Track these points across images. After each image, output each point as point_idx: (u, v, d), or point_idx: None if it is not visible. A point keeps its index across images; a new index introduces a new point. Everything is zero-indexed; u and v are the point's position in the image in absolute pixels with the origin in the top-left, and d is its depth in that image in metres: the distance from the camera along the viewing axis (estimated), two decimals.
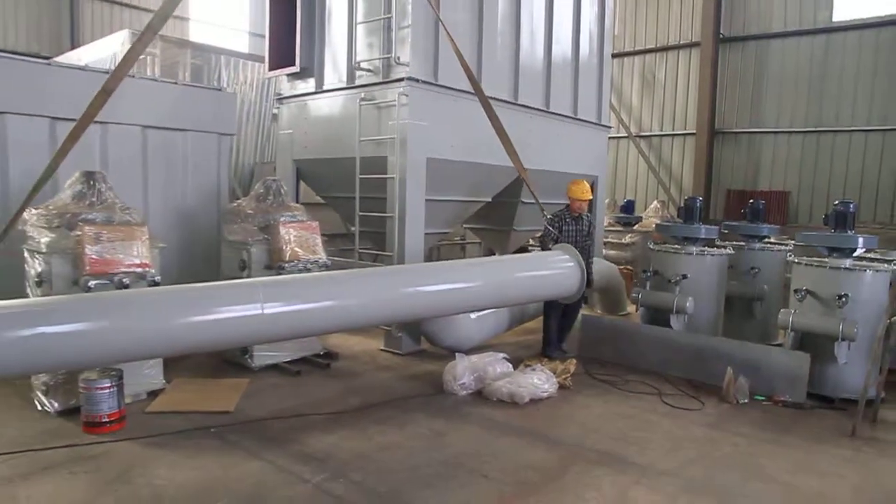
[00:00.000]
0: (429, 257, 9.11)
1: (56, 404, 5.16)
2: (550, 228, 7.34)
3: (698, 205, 8.16)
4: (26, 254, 5.41)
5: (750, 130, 17.17)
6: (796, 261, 6.54)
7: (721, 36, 17.33)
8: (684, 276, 7.36)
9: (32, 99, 6.40)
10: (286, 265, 6.55)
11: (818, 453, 4.95)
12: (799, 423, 5.60)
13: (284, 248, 6.58)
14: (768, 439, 5.21)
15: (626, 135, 19.08)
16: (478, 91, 6.67)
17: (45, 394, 5.21)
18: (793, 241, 8.84)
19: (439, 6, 7.26)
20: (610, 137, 12.01)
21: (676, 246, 7.82)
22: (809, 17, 16.09)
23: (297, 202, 7.98)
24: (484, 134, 8.05)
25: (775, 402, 6.06)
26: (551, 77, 9.29)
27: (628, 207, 13.81)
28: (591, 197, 7.52)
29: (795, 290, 6.35)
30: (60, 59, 12.07)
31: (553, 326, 7.48)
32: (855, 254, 6.46)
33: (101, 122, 6.90)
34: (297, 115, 8.54)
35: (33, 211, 5.48)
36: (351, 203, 7.70)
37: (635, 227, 12.85)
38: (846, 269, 6.07)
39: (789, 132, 16.55)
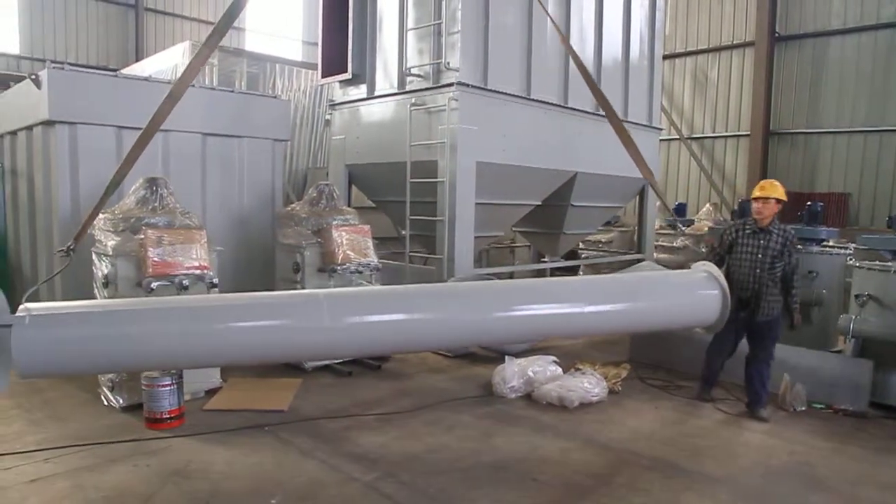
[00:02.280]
0: (478, 261, 9.16)
1: (121, 400, 5.39)
2: (714, 245, 6.04)
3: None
4: (94, 256, 5.66)
5: (807, 131, 16.66)
6: (857, 265, 6.34)
7: (776, 35, 16.89)
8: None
9: (101, 109, 6.68)
10: (338, 268, 6.68)
11: (882, 465, 4.79)
12: (860, 433, 5.42)
13: (337, 251, 6.71)
14: (828, 448, 5.06)
15: (677, 137, 18.75)
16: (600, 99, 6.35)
17: (111, 390, 5.45)
18: (853, 245, 8.55)
19: (489, 11, 7.33)
20: (661, 140, 11.83)
21: None
22: (872, 12, 15.53)
23: (349, 206, 8.11)
24: (533, 137, 8.10)
25: (835, 410, 5.88)
26: (601, 79, 9.21)
27: (680, 210, 13.58)
28: (775, 195, 5.68)
29: (857, 295, 6.15)
30: (126, 70, 12.55)
31: (714, 362, 6.03)
32: None
33: (163, 130, 7.17)
34: (349, 120, 8.70)
35: (101, 215, 5.73)
36: (402, 207, 7.79)
37: (687, 231, 12.63)
38: None
39: (850, 132, 15.99)
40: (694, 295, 5.07)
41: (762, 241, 5.64)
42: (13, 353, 3.32)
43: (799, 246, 6.80)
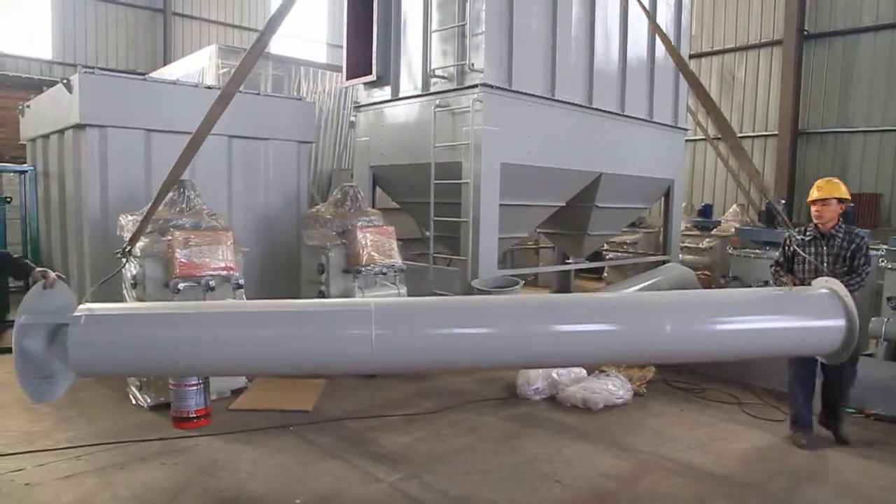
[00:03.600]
0: (502, 262, 9.14)
1: (148, 399, 5.48)
2: (777, 255, 5.27)
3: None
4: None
5: (836, 130, 16.36)
6: (889, 266, 6.21)
7: (805, 32, 16.61)
8: (766, 283, 7.10)
9: (130, 113, 6.80)
10: (363, 269, 6.71)
11: None
12: (893, 438, 5.31)
13: (361, 252, 6.75)
14: (858, 454, 4.95)
15: (703, 137, 18.52)
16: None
17: (139, 389, 5.54)
18: (885, 246, 8.38)
19: (513, 12, 7.31)
20: (687, 140, 11.70)
21: (757, 251, 7.56)
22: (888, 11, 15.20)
23: (374, 207, 8.15)
24: (558, 138, 8.07)
25: (867, 415, 5.76)
26: (626, 80, 9.16)
27: (706, 211, 13.44)
28: (836, 194, 5.05)
29: (889, 298, 6.04)
30: (154, 74, 12.77)
31: (800, 396, 5.14)
32: None
33: (190, 133, 7.27)
34: (374, 122, 8.74)
35: (129, 217, 5.84)
36: (426, 208, 7.81)
37: (713, 232, 12.49)
38: None
39: (881, 131, 15.66)
40: (814, 317, 4.22)
41: (825, 248, 5.00)
42: (69, 352, 3.39)
43: (874, 251, 6.08)
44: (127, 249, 4.61)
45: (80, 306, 3.55)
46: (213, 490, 4.15)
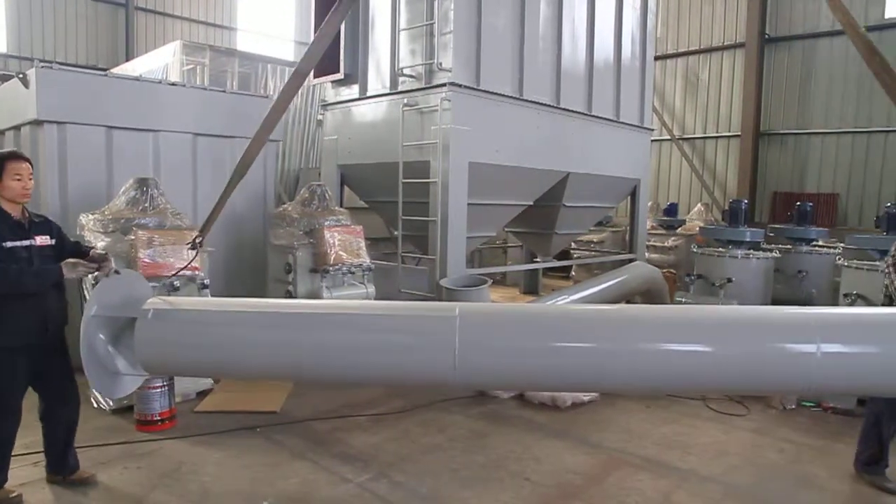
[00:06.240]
0: (471, 261, 9.16)
1: (111, 402, 5.36)
2: (886, 268, 4.42)
3: (743, 207, 8.04)
4: None
5: (796, 132, 16.75)
6: (846, 264, 6.39)
7: (766, 36, 16.97)
8: (729, 280, 7.25)
9: (90, 109, 6.64)
10: (331, 268, 6.68)
11: None
12: (849, 431, 5.43)
13: (329, 251, 6.71)
14: (817, 446, 5.10)
15: (668, 137, 18.82)
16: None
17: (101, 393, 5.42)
18: (842, 245, 8.63)
19: (482, 12, 7.33)
20: (653, 140, 11.87)
21: (721, 249, 7.70)
22: (860, 14, 15.59)
23: (342, 207, 8.10)
24: (526, 138, 8.11)
25: (824, 408, 5.93)
26: (593, 80, 9.24)
27: (671, 210, 13.65)
28: None
29: (845, 295, 6.19)
30: (116, 70, 12.50)
31: (889, 429, 4.43)
32: None
33: (153, 131, 7.16)
34: (342, 121, 8.68)
35: (90, 216, 5.72)
36: (394, 207, 7.79)
37: (678, 231, 12.70)
38: None
39: (838, 133, 16.08)
40: None
41: None
42: (136, 347, 3.27)
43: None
44: (198, 240, 4.51)
45: (151, 299, 3.43)
46: (178, 493, 4.08)
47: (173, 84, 7.78)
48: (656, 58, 13.28)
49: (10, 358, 3.64)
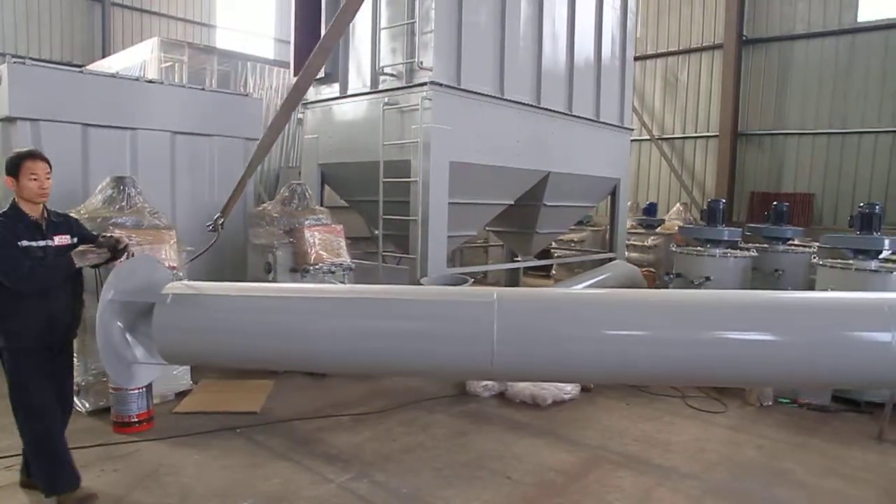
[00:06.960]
0: (451, 260, 9.17)
1: (87, 404, 5.29)
2: None
3: (721, 207, 8.13)
4: None
5: (773, 132, 16.98)
6: (821, 263, 6.49)
7: (744, 38, 17.18)
8: (707, 279, 7.33)
9: (65, 106, 6.53)
10: (311, 268, 6.64)
11: (844, 457, 4.91)
12: (824, 427, 5.55)
13: (309, 251, 6.67)
14: (793, 442, 5.18)
15: (648, 137, 18.97)
16: None
17: (77, 394, 5.32)
18: (817, 244, 8.76)
19: (462, 11, 7.33)
20: (632, 140, 11.95)
21: (699, 248, 7.78)
22: (834, 18, 15.87)
23: (322, 206, 8.06)
24: (506, 137, 8.13)
25: (800, 404, 6.02)
26: (573, 80, 9.29)
27: (651, 210, 13.77)
28: None
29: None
30: (92, 67, 12.31)
31: None
32: (881, 256, 6.39)
33: (131, 129, 7.07)
34: (322, 119, 8.64)
35: None
36: (375, 206, 7.77)
37: (658, 230, 12.81)
38: (872, 271, 6.02)
39: (814, 134, 16.34)
40: None
41: None
42: (154, 334, 3.17)
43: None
44: (220, 221, 4.41)
45: (170, 284, 3.32)
46: (156, 495, 4.03)
47: (151, 81, 7.69)
48: (636, 58, 13.37)
49: (28, 358, 3.56)
